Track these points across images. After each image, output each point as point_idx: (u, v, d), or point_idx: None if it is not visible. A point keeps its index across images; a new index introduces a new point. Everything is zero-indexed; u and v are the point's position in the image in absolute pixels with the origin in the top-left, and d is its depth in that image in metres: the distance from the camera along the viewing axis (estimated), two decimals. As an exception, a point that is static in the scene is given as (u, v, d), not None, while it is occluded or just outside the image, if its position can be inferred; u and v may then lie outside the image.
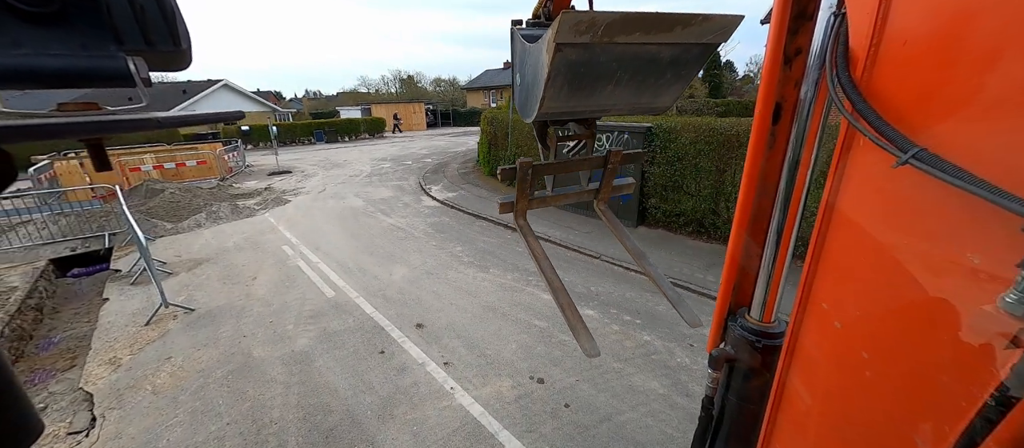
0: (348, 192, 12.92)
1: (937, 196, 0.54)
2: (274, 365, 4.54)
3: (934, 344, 0.56)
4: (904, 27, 0.56)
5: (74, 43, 0.45)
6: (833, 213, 0.70)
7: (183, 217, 9.90)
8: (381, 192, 12.83)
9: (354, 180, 14.89)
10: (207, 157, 14.45)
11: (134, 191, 11.80)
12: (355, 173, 16.30)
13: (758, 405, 0.96)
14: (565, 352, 4.62)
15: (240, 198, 12.19)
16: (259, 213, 10.64)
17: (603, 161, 1.38)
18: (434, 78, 60.11)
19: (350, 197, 12.28)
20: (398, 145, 26.26)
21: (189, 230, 9.37)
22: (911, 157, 0.50)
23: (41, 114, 0.46)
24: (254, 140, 27.68)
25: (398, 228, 9.24)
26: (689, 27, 0.90)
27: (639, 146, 7.91)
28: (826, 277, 0.73)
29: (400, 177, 15.24)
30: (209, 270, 7.19)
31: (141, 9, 0.48)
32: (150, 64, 0.49)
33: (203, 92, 32.17)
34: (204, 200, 11.07)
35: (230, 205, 10.91)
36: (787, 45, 0.80)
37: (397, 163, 18.68)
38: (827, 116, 0.78)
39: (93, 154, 0.52)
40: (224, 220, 10.01)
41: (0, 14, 0.40)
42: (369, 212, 10.56)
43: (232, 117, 0.65)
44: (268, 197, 12.36)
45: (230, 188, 13.32)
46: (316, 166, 18.56)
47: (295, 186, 13.97)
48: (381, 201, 11.69)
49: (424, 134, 34.44)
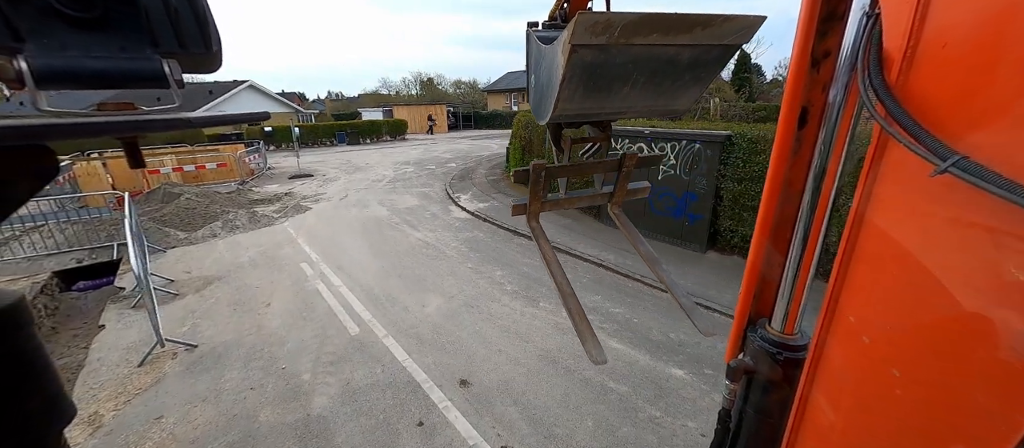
0: (371, 199, 12.08)
1: (979, 207, 0.50)
2: (285, 437, 3.56)
3: (972, 363, 0.53)
4: (944, 28, 0.52)
5: (114, 46, 0.47)
6: (863, 222, 0.66)
7: (198, 226, 9.20)
8: (406, 200, 11.94)
9: (377, 186, 14.09)
10: (227, 159, 13.90)
11: (151, 195, 11.26)
12: (378, 178, 15.53)
13: (778, 419, 0.91)
14: (661, 436, 3.48)
15: (259, 204, 11.50)
16: (277, 222, 9.87)
17: (618, 164, 1.37)
18: (454, 80, 59.90)
19: (373, 205, 11.43)
20: (420, 148, 25.55)
21: (203, 240, 8.64)
22: (951, 165, 0.48)
23: (83, 113, 0.48)
24: (277, 141, 27.47)
25: (427, 245, 8.26)
26: (709, 28, 0.89)
27: (715, 158, 6.70)
28: (854, 289, 0.69)
29: (424, 183, 14.35)
30: (219, 291, 6.35)
31: (176, 13, 0.50)
32: (183, 66, 0.51)
33: (229, 93, 32.35)
34: (221, 207, 10.39)
35: (248, 213, 10.18)
36: (815, 47, 0.77)
37: (420, 168, 17.86)
38: (857, 121, 0.74)
39: (128, 152, 0.55)
40: (241, 229, 9.26)
41: (51, 19, 0.43)
42: (394, 224, 9.65)
43: (258, 118, 0.65)
44: (288, 203, 11.63)
45: (250, 192, 12.69)
46: (338, 169, 17.92)
47: (316, 191, 13.25)
48: (407, 211, 10.78)
49: (446, 137, 33.72)
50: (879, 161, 0.63)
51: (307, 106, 50.86)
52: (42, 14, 0.43)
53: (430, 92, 56.34)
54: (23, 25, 0.42)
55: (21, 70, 0.41)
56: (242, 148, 18.05)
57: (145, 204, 10.75)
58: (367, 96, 62.73)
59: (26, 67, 0.42)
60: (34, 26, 0.43)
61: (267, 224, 9.67)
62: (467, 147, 25.03)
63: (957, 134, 0.51)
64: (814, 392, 0.79)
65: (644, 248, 1.43)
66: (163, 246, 8.19)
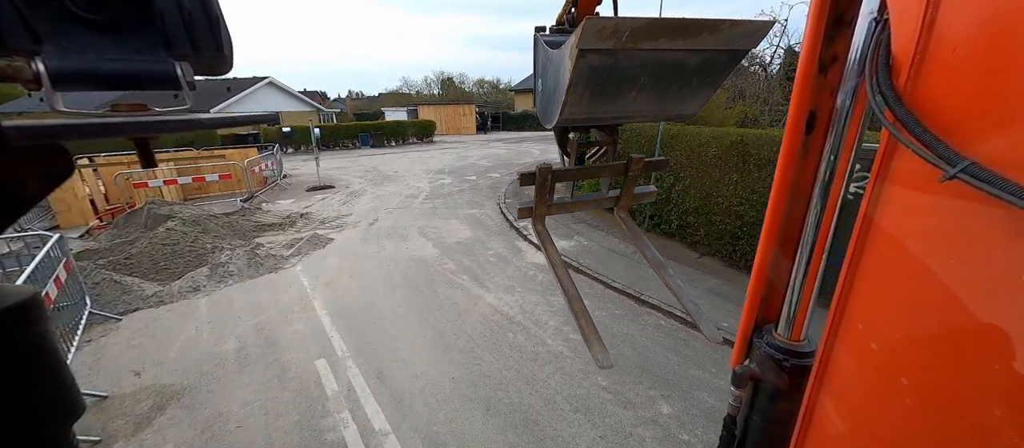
0: (409, 226, 9.29)
1: (989, 213, 0.49)
2: None
3: (984, 374, 0.52)
4: (953, 33, 0.51)
5: (129, 48, 0.48)
6: (871, 228, 0.65)
7: (177, 272, 6.55)
8: (454, 228, 9.09)
9: (412, 204, 11.33)
10: (232, 169, 11.35)
11: (132, 217, 8.75)
12: (412, 192, 12.78)
13: (784, 427, 0.89)
14: None
15: (266, 231, 8.84)
16: (287, 265, 7.15)
17: (624, 168, 1.38)
18: (478, 80, 57.39)
19: (413, 235, 8.63)
20: (451, 153, 22.82)
21: (181, 297, 5.96)
22: (960, 171, 0.46)
23: (98, 114, 0.49)
24: (296, 143, 25.22)
25: (511, 321, 5.35)
26: (717, 33, 0.90)
27: None
28: (862, 295, 0.68)
29: (470, 201, 11.51)
30: (173, 430, 3.58)
31: (190, 16, 0.50)
32: (194, 68, 0.52)
33: (247, 90, 30.40)
34: (216, 238, 7.76)
35: (248, 249, 7.49)
36: (823, 52, 0.75)
37: (458, 177, 15.06)
38: (865, 126, 0.73)
39: (141, 152, 0.56)
40: (235, 278, 6.56)
41: (68, 22, 0.44)
42: (450, 273, 6.78)
43: (268, 119, 0.66)
44: (302, 231, 8.95)
45: (256, 212, 10.09)
46: (363, 179, 15.29)
47: (338, 212, 10.56)
48: (460, 248, 7.92)
49: (476, 140, 30.95)
50: (887, 166, 0.62)
51: (329, 105, 49.09)
52: (59, 17, 0.44)
53: (451, 92, 53.89)
54: (41, 27, 0.43)
55: (39, 71, 0.42)
56: (255, 152, 15.65)
57: (119, 233, 8.23)
58: (388, 95, 60.83)
59: (44, 68, 0.42)
60: (52, 28, 0.44)
61: (273, 269, 6.95)
62: (505, 153, 22.17)
63: (966, 139, 0.50)
64: (821, 400, 0.78)
65: (650, 252, 1.45)
66: (119, 311, 5.54)
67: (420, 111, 36.61)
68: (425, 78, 69.82)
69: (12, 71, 0.42)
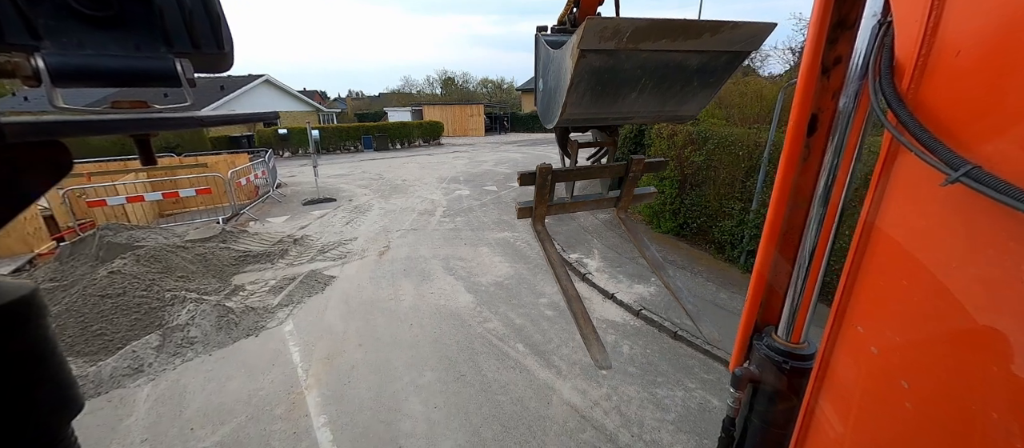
0: (430, 256, 7.41)
1: (990, 218, 0.49)
2: None
3: (983, 377, 0.51)
4: (957, 36, 0.51)
5: (129, 45, 0.47)
6: (872, 231, 0.65)
7: (115, 340, 4.64)
8: (487, 261, 7.20)
9: (429, 222, 9.44)
10: (213, 182, 9.45)
11: (79, 247, 6.86)
12: (426, 207, 10.89)
13: (783, 429, 0.89)
14: None
15: (247, 267, 6.94)
16: (272, 322, 5.25)
17: (624, 169, 1.39)
18: (481, 79, 55.59)
19: (437, 271, 6.74)
20: (462, 157, 20.92)
21: (109, 388, 4.06)
22: (962, 175, 0.46)
23: (97, 111, 0.48)
24: (293, 146, 23.32)
25: (609, 438, 3.44)
26: (718, 34, 0.90)
27: None
28: (862, 298, 0.68)
29: (498, 219, 9.62)
30: None
31: (190, 13, 0.50)
32: (195, 65, 0.51)
33: (242, 88, 28.50)
34: (179, 280, 5.86)
35: (219, 300, 5.59)
36: (825, 54, 0.76)
37: (476, 188, 13.18)
38: (867, 129, 0.74)
39: (141, 150, 0.55)
40: (196, 350, 4.66)
41: (68, 18, 0.44)
42: (497, 338, 4.89)
43: (269, 117, 0.64)
44: (296, 265, 7.06)
45: (240, 237, 8.18)
46: (368, 189, 13.40)
47: (341, 234, 8.68)
48: (501, 292, 6.03)
49: (486, 142, 29.03)
50: (889, 169, 0.62)
51: (328, 105, 47.18)
52: (59, 12, 0.43)
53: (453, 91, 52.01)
54: (41, 23, 0.42)
55: (38, 68, 0.41)
56: (246, 159, 13.76)
57: (62, 269, 6.33)
58: (390, 95, 59.00)
59: (43, 65, 0.41)
60: (51, 24, 0.43)
61: (252, 329, 5.05)
62: (521, 158, 20.26)
63: (970, 143, 0.50)
64: (821, 403, 0.77)
65: (650, 253, 1.48)
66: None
67: (425, 111, 34.71)
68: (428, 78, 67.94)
69: (11, 67, 0.41)
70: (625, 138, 10.80)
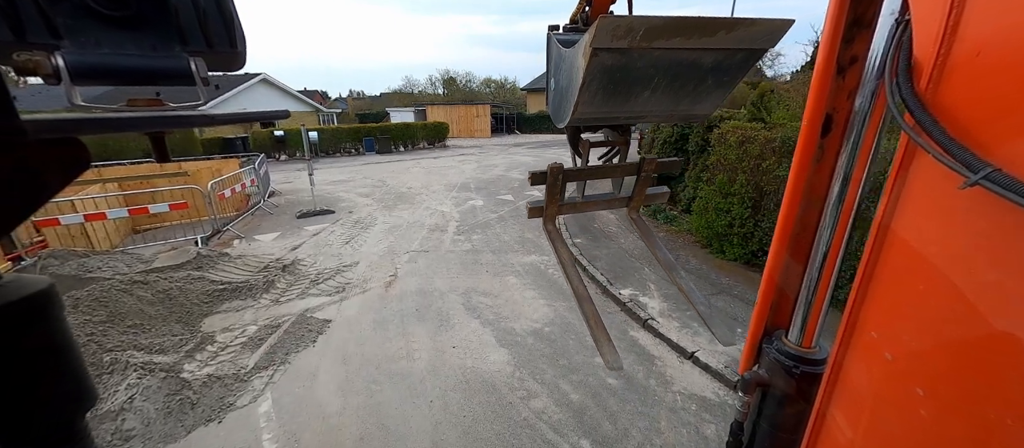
0: (446, 289, 6.07)
1: (1010, 221, 0.48)
2: None
3: (1000, 384, 0.50)
4: (978, 36, 0.50)
5: (145, 44, 0.48)
6: (887, 234, 0.64)
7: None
8: (517, 296, 5.85)
9: (441, 242, 8.11)
10: (190, 196, 8.11)
11: (15, 281, 5.54)
12: (437, 221, 9.57)
13: (792, 435, 0.88)
14: None
15: (223, 306, 5.61)
16: (243, 398, 3.91)
17: (636, 168, 1.37)
18: (484, 79, 54.30)
19: (458, 313, 5.40)
20: (471, 161, 19.59)
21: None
22: (982, 177, 0.45)
23: (114, 109, 0.49)
24: (290, 148, 22.01)
25: None
26: (734, 31, 0.89)
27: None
28: (877, 303, 0.66)
29: (520, 237, 8.28)
30: None
31: (204, 13, 0.50)
32: (208, 64, 0.52)
33: (238, 87, 27.20)
34: (127, 332, 4.54)
35: (169, 378, 4.24)
36: (841, 53, 0.74)
37: (490, 197, 11.86)
38: (883, 130, 0.72)
39: (156, 147, 0.55)
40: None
41: (87, 18, 0.44)
42: (550, 424, 3.54)
43: (279, 116, 0.65)
44: (282, 302, 5.73)
45: (218, 262, 6.84)
46: (370, 198, 12.09)
47: (339, 258, 7.35)
48: (543, 344, 4.69)
49: (493, 144, 27.68)
50: (906, 171, 0.61)
51: (329, 105, 45.87)
52: (78, 12, 0.44)
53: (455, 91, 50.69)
54: (60, 22, 0.43)
55: (58, 66, 0.42)
56: (236, 165, 12.47)
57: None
58: (392, 95, 57.66)
59: (63, 63, 0.42)
60: (70, 23, 0.43)
61: (212, 415, 3.68)
62: (532, 161, 18.93)
63: (989, 145, 0.49)
64: (832, 408, 0.76)
65: (662, 254, 1.45)
66: None
67: (429, 112, 33.40)
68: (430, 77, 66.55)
69: (33, 65, 0.42)
70: (664, 142, 9.48)
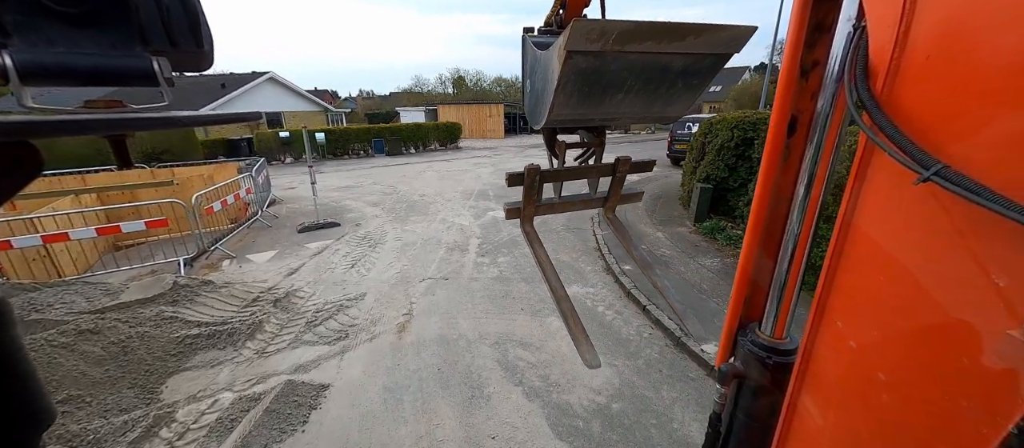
0: (474, 336, 4.82)
1: (960, 215, 0.51)
2: None
3: (955, 369, 0.54)
4: (926, 40, 0.53)
5: (104, 42, 0.46)
6: (850, 229, 0.67)
7: None
8: (566, 347, 4.57)
9: (462, 266, 6.87)
10: (170, 211, 6.99)
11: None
12: (455, 238, 8.33)
13: (767, 423, 0.92)
14: None
15: (192, 362, 4.43)
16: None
17: (611, 169, 1.43)
18: (495, 77, 53.11)
19: (492, 377, 4.14)
20: (486, 164, 18.36)
21: None
22: (933, 174, 0.49)
23: (69, 110, 0.46)
24: (296, 150, 21.02)
25: None
26: (702, 37, 0.92)
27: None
28: (841, 294, 0.71)
29: (555, 262, 6.99)
30: None
31: (167, 10, 0.48)
32: (173, 64, 0.50)
33: (245, 86, 26.37)
34: (60, 408, 3.37)
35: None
36: (804, 57, 0.78)
37: (515, 208, 10.54)
38: (844, 129, 0.76)
39: (116, 151, 0.53)
40: None
41: (38, 14, 0.42)
42: None
43: (252, 117, 0.63)
44: (267, 360, 4.53)
45: (198, 296, 5.69)
46: (380, 207, 10.92)
47: (343, 289, 6.15)
48: (609, 426, 3.41)
49: (507, 146, 26.42)
50: (865, 169, 0.63)
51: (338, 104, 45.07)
52: (28, 8, 0.41)
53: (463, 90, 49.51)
54: (8, 19, 0.40)
55: (5, 65, 0.40)
56: (234, 171, 11.40)
57: None
58: (401, 94, 56.77)
59: (11, 62, 0.40)
60: (20, 20, 0.41)
61: None
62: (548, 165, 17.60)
63: (940, 143, 0.51)
64: (803, 396, 0.80)
65: (638, 253, 1.50)
66: None
67: (440, 111, 32.24)
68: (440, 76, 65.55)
69: None
70: (722, 148, 8.13)
